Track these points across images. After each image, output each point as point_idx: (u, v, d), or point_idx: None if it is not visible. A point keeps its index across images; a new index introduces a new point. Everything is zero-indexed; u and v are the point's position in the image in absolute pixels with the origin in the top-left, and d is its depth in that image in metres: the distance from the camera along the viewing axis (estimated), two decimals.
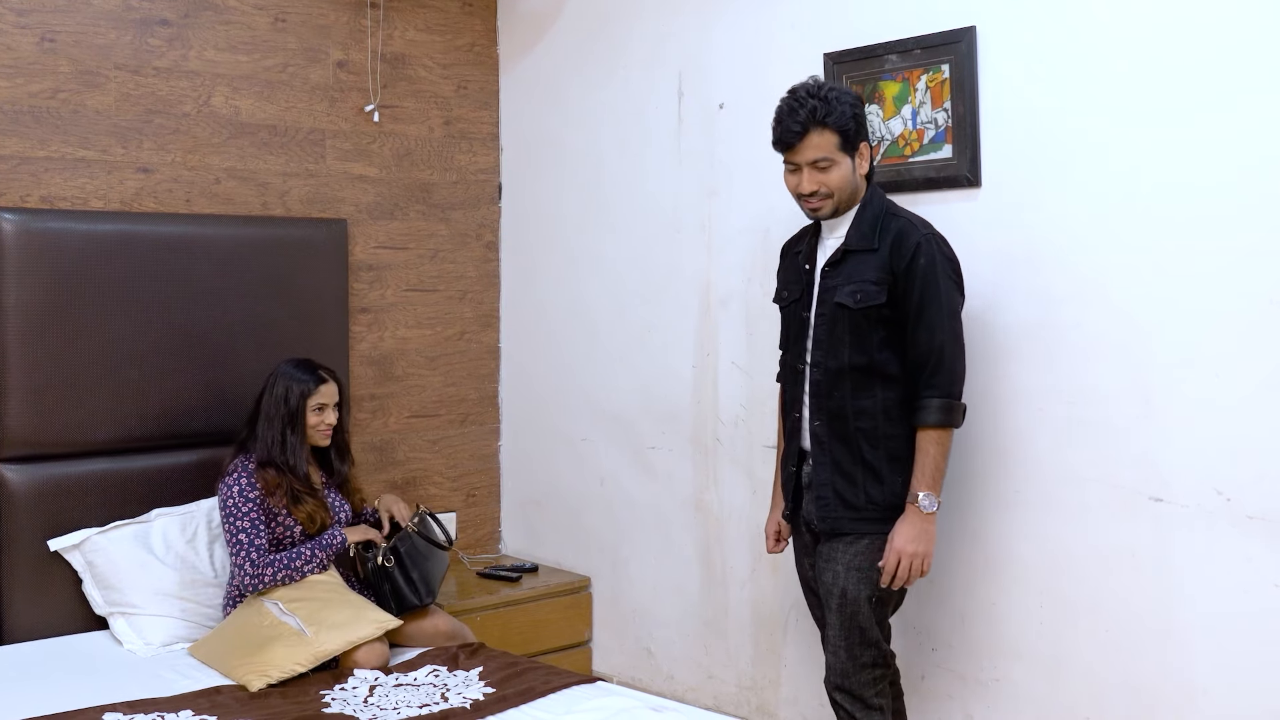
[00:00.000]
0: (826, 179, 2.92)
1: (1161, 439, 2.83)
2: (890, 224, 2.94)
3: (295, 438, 3.45)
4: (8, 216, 3.47)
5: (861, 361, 2.92)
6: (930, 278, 2.87)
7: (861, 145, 2.94)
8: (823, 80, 3.00)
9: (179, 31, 3.88)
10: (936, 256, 2.89)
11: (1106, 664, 2.94)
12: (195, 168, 3.93)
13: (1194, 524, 2.78)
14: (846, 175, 2.93)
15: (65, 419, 3.55)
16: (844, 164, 2.92)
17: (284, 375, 3.49)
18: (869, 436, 2.93)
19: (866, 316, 2.91)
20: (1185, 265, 2.78)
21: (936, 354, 2.87)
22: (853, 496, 2.94)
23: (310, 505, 3.43)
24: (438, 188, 4.52)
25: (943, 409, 2.86)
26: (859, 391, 2.93)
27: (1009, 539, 3.12)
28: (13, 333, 3.46)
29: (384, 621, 3.28)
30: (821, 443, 2.98)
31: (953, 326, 2.90)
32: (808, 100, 2.90)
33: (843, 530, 2.96)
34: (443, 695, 3.02)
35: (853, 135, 2.91)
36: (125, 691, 3.03)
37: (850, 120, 2.90)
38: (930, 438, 2.87)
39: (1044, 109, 3.03)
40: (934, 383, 2.87)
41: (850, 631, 2.95)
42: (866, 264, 2.93)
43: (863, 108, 2.98)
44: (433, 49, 4.49)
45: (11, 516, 3.47)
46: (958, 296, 2.94)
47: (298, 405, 3.45)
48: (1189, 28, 2.76)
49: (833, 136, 2.90)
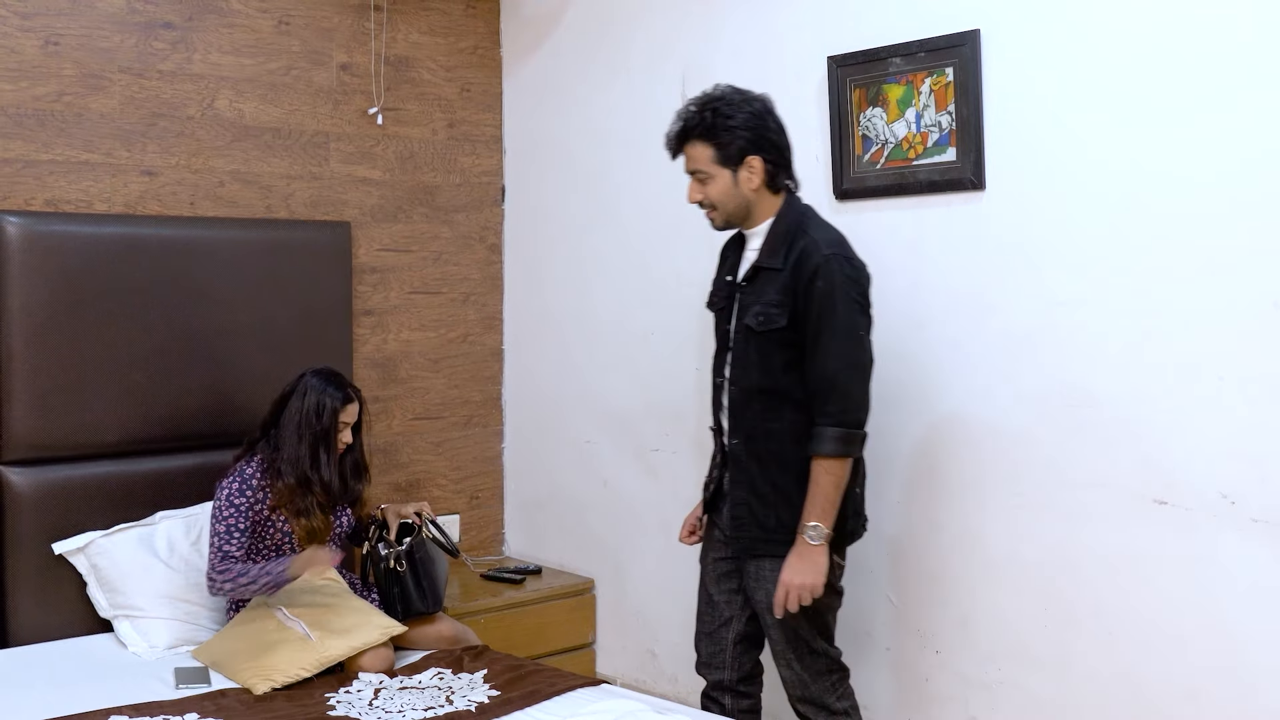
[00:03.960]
0: (706, 191, 2.93)
1: (1166, 442, 2.83)
2: (798, 242, 2.88)
3: (328, 454, 3.40)
4: (12, 219, 3.47)
5: (768, 384, 2.91)
6: (827, 302, 2.81)
7: (749, 159, 2.89)
8: (726, 90, 2.94)
9: (183, 34, 3.89)
10: (836, 278, 2.82)
11: (1110, 666, 2.94)
12: (199, 171, 3.93)
13: (1198, 527, 2.78)
14: (726, 189, 2.91)
15: (69, 422, 3.55)
16: (722, 177, 2.91)
17: (315, 388, 3.41)
18: (779, 459, 2.92)
19: (769, 339, 2.89)
20: (1189, 267, 2.78)
21: (829, 381, 2.82)
22: (765, 517, 2.94)
23: (316, 520, 3.40)
24: (441, 190, 4.52)
25: (835, 438, 2.81)
26: (769, 414, 2.92)
27: (1012, 541, 3.12)
28: (17, 335, 3.46)
29: (389, 627, 3.29)
30: (739, 461, 2.99)
31: (850, 352, 2.83)
32: (689, 111, 2.92)
33: (756, 551, 2.96)
34: (448, 698, 3.03)
35: (732, 149, 2.88)
36: (131, 694, 3.04)
37: (726, 133, 2.86)
38: (822, 467, 2.82)
39: (1048, 112, 3.03)
40: (827, 410, 2.82)
41: (796, 645, 2.96)
42: (772, 284, 2.90)
43: (762, 121, 2.91)
44: (436, 51, 4.50)
45: (16, 519, 3.47)
46: (860, 319, 2.86)
47: (330, 423, 3.39)
48: (1192, 29, 2.76)
49: (708, 149, 2.89)
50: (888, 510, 3.37)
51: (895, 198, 3.33)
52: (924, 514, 3.30)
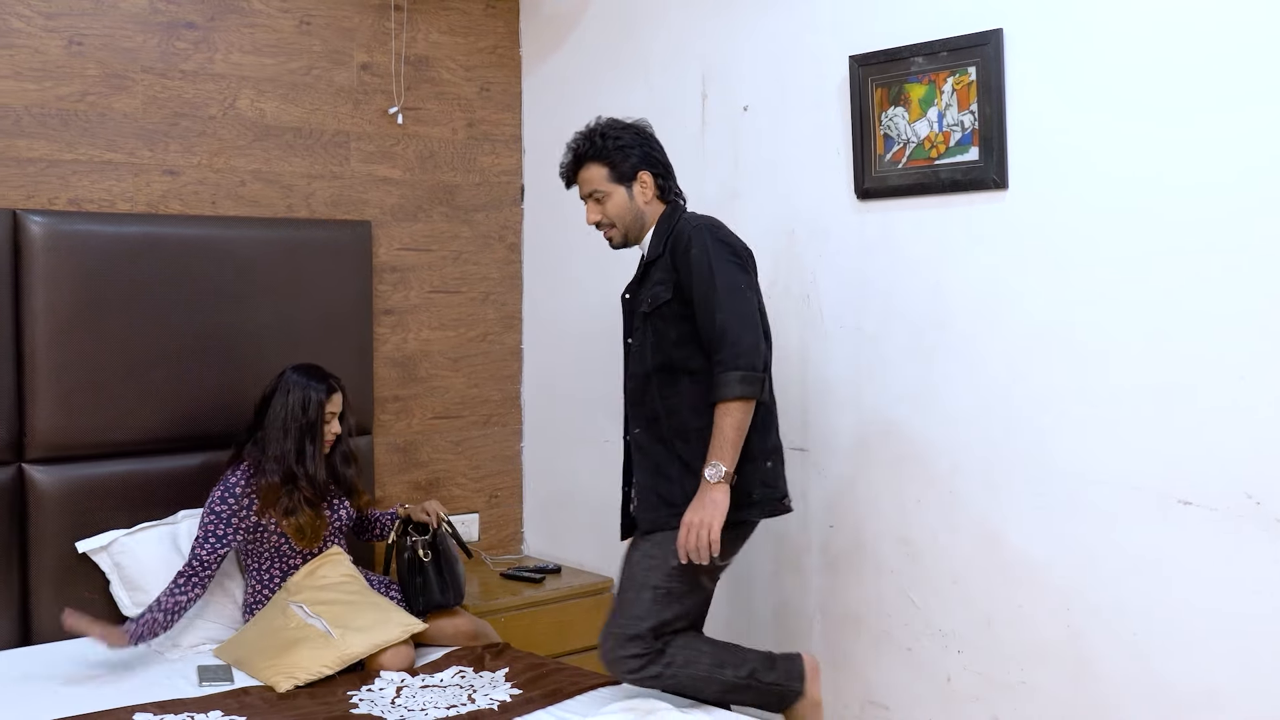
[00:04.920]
0: (605, 210, 3.15)
1: (1190, 442, 2.82)
2: (675, 230, 3.09)
3: (314, 447, 3.42)
4: (36, 219, 3.49)
5: (662, 360, 3.05)
6: (702, 262, 2.98)
7: (641, 174, 3.12)
8: (607, 120, 3.19)
9: (205, 34, 3.90)
10: (708, 242, 3.00)
11: (1133, 668, 2.93)
12: (221, 170, 3.95)
13: (1222, 528, 2.77)
14: (623, 204, 3.14)
15: (92, 420, 3.57)
16: (618, 194, 3.13)
17: (297, 384, 3.43)
18: (680, 433, 3.02)
19: (661, 316, 3.06)
20: (1212, 266, 2.77)
21: (720, 331, 2.93)
22: (669, 493, 3.02)
23: (306, 517, 3.39)
24: (461, 189, 4.53)
25: (734, 382, 2.90)
26: (665, 390, 3.05)
27: (1034, 542, 3.11)
28: (41, 334, 3.47)
29: (410, 625, 3.30)
30: (641, 448, 3.11)
31: (734, 303, 2.95)
32: (576, 140, 3.19)
33: (658, 525, 3.02)
34: (469, 697, 3.03)
35: (625, 167, 3.11)
36: (154, 692, 3.06)
37: (618, 153, 3.11)
38: (721, 410, 2.91)
39: (1071, 111, 3.02)
40: (722, 359, 2.92)
41: (624, 605, 3.02)
42: (658, 270, 3.10)
43: (646, 141, 3.16)
44: (456, 51, 4.50)
45: (40, 517, 3.48)
46: (739, 275, 3.01)
47: (317, 415, 3.41)
48: (1217, 28, 2.75)
49: (601, 169, 3.13)
50: (908, 510, 3.37)
51: (917, 197, 3.33)
52: (945, 514, 3.30)
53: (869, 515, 3.48)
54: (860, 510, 3.51)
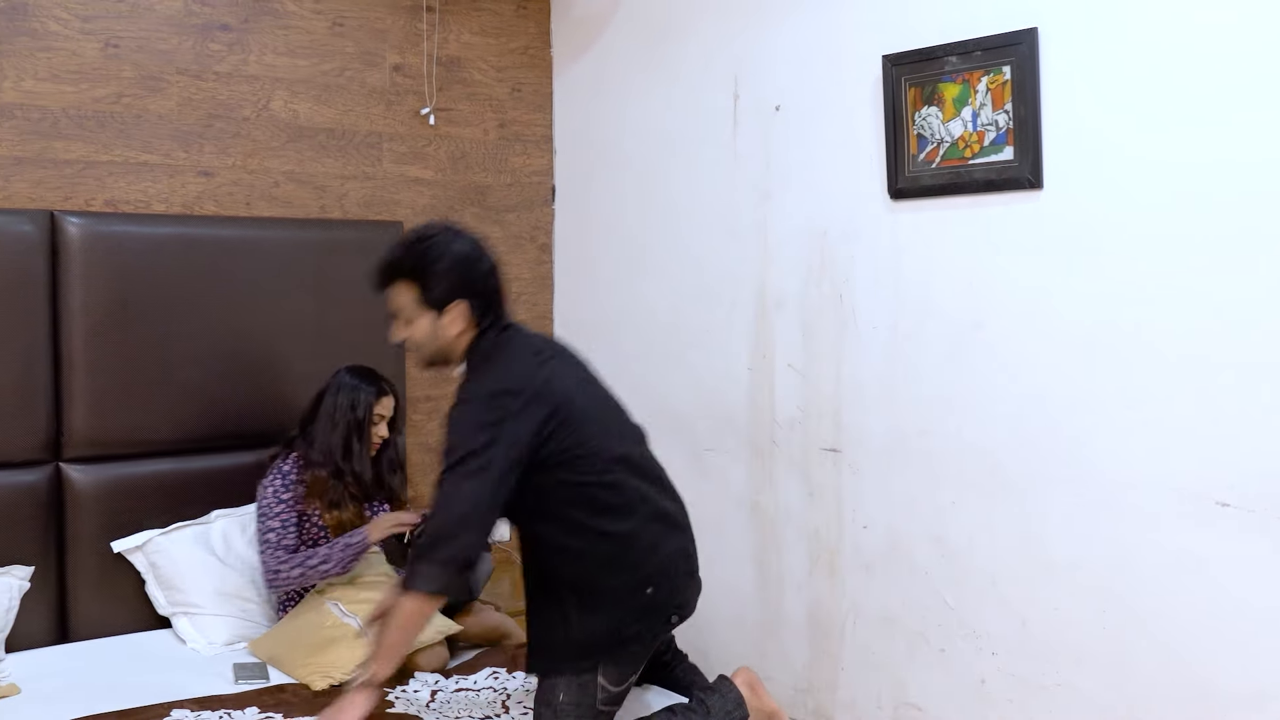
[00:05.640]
0: (408, 333, 2.81)
1: (1228, 442, 2.80)
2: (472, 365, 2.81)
3: (361, 446, 3.47)
4: (73, 220, 3.52)
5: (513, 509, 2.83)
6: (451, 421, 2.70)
7: (453, 306, 2.75)
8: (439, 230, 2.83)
9: (239, 36, 3.92)
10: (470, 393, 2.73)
11: (1171, 670, 2.91)
12: (255, 171, 3.97)
13: (1262, 529, 2.74)
14: (426, 332, 2.78)
15: (127, 420, 3.60)
16: (422, 321, 2.77)
17: (348, 384, 3.49)
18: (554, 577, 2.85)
19: None
20: (1251, 266, 2.75)
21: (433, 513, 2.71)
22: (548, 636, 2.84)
23: (349, 512, 3.44)
24: (492, 190, 4.54)
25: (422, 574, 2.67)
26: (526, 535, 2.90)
27: (1071, 542, 3.09)
28: (77, 334, 3.50)
29: (444, 627, 3.32)
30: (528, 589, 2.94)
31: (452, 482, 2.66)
32: (395, 250, 2.82)
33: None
34: (503, 704, 3.04)
35: (438, 293, 2.75)
36: (191, 689, 3.08)
37: (433, 277, 2.74)
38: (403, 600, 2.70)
39: (1106, 110, 3.00)
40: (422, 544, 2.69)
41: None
42: None
43: (468, 266, 2.78)
44: (487, 52, 4.51)
45: (77, 516, 3.51)
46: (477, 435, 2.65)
47: (365, 415, 3.46)
48: (1252, 25, 2.73)
49: (412, 291, 2.77)
50: (943, 511, 3.36)
51: (951, 197, 3.31)
52: (981, 515, 3.28)
53: (903, 516, 3.47)
54: (894, 511, 3.49)
